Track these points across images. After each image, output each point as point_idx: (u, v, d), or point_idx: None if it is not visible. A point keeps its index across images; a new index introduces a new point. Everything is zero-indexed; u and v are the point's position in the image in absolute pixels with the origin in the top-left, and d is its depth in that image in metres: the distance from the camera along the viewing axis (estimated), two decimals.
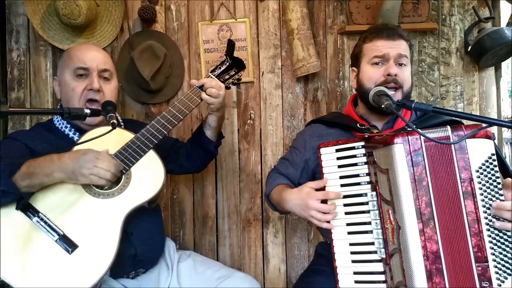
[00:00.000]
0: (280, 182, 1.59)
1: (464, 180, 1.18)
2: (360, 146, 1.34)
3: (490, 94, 2.10)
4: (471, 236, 1.16)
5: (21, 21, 2.11)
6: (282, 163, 1.69)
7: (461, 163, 1.18)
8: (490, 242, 1.16)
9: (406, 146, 1.20)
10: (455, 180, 1.18)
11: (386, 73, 1.48)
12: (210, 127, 1.67)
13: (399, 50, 1.50)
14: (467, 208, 1.17)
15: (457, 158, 1.19)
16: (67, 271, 1.31)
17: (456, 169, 1.18)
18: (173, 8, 2.11)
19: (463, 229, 1.17)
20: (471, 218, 1.17)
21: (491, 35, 1.93)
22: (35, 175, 1.29)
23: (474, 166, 1.18)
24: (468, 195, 1.18)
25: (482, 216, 1.17)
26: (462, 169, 1.18)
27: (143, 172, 1.45)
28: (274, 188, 1.58)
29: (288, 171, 1.64)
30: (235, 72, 1.66)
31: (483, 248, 1.16)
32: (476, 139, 1.19)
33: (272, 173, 1.70)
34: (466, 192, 1.18)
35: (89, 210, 1.37)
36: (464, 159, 1.18)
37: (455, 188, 1.18)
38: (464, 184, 1.18)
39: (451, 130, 1.20)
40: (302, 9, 2.00)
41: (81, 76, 1.52)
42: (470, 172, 1.18)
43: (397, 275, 1.22)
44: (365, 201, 1.32)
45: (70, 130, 1.55)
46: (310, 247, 2.11)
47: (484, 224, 1.16)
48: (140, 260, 1.53)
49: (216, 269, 1.66)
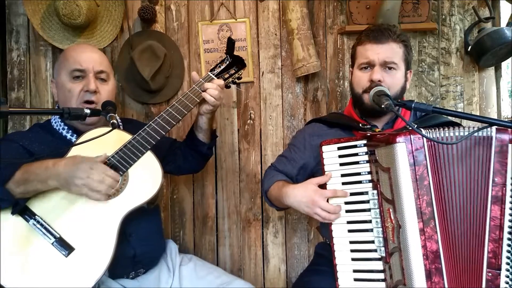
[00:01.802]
0: (279, 178, 1.59)
1: (497, 184, 1.16)
2: (362, 145, 1.34)
3: (490, 94, 2.10)
4: (489, 241, 1.15)
5: (21, 21, 2.10)
6: (280, 160, 1.69)
7: (497, 166, 1.17)
8: (509, 251, 1.15)
9: (408, 145, 1.20)
10: (486, 182, 1.17)
11: (370, 78, 1.49)
12: (201, 129, 1.65)
13: (385, 55, 1.49)
14: (492, 213, 1.16)
15: (495, 161, 1.17)
16: (63, 274, 1.30)
17: (490, 171, 1.17)
18: (173, 8, 2.11)
19: (482, 233, 1.16)
20: (494, 223, 1.16)
21: (491, 35, 1.93)
22: (30, 182, 1.28)
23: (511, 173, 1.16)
24: (496, 200, 1.16)
25: (507, 225, 1.15)
26: (497, 173, 1.16)
27: (141, 174, 1.43)
28: (273, 184, 1.57)
29: (285, 168, 1.64)
30: (235, 71, 1.64)
31: (499, 255, 1.14)
32: None
33: (270, 170, 1.69)
34: (495, 196, 1.16)
35: (85, 213, 1.36)
36: (501, 163, 1.17)
37: (482, 190, 1.17)
38: (495, 188, 1.16)
39: (495, 132, 1.18)
40: (302, 9, 2.00)
41: (77, 78, 1.50)
42: (505, 177, 1.16)
43: (397, 273, 1.22)
44: (366, 200, 1.31)
45: (68, 131, 1.53)
46: (310, 247, 2.11)
47: (507, 232, 1.15)
48: (140, 261, 1.53)
49: (217, 275, 1.67)
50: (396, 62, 1.50)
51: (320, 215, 1.34)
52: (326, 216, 1.34)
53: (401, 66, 1.52)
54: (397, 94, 1.52)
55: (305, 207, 1.37)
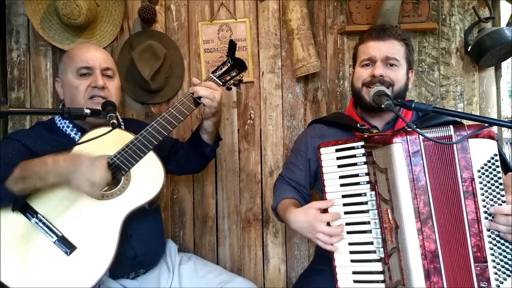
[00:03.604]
0: (286, 196, 1.59)
1: (465, 180, 1.18)
2: (359, 146, 1.34)
3: (490, 94, 2.09)
4: (470, 236, 1.17)
5: (21, 21, 2.11)
6: (288, 168, 1.70)
7: (462, 162, 1.18)
8: (490, 242, 1.16)
9: (405, 145, 1.20)
10: (456, 179, 1.19)
11: (372, 73, 1.51)
12: (206, 131, 1.65)
13: (387, 52, 1.51)
14: (468, 208, 1.18)
15: (459, 158, 1.19)
16: (65, 273, 1.30)
17: (457, 168, 1.19)
18: (173, 8, 2.11)
19: (463, 229, 1.17)
20: (471, 218, 1.17)
21: (491, 35, 1.93)
22: (28, 178, 1.27)
23: (476, 166, 1.18)
24: (469, 195, 1.18)
25: (483, 217, 1.17)
26: (463, 169, 1.18)
27: (143, 173, 1.44)
28: (280, 203, 1.58)
29: (296, 176, 1.65)
30: (237, 73, 1.65)
31: (482, 248, 1.16)
32: (479, 139, 1.19)
33: (279, 184, 1.70)
34: (467, 191, 1.18)
35: (88, 212, 1.36)
36: (466, 159, 1.18)
37: (455, 188, 1.19)
38: (465, 184, 1.18)
39: (453, 130, 1.20)
40: (302, 9, 2.00)
41: (84, 75, 1.53)
42: (471, 171, 1.18)
43: (396, 274, 1.22)
44: (364, 201, 1.32)
45: (72, 130, 1.54)
46: (310, 247, 2.11)
47: (484, 225, 1.16)
48: (140, 261, 1.53)
49: (217, 274, 1.66)
50: (398, 59, 1.51)
51: (321, 240, 1.34)
52: (328, 241, 1.33)
53: (403, 64, 1.53)
54: (400, 91, 1.53)
55: (307, 232, 1.38)
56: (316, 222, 1.34)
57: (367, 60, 1.54)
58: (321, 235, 1.34)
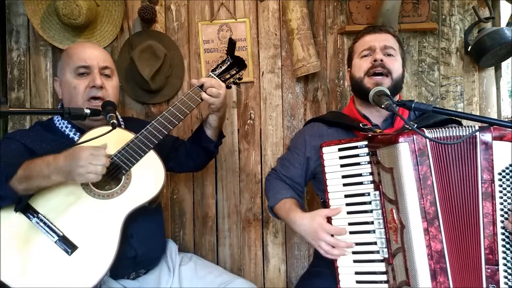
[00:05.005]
0: (285, 195, 1.58)
1: (485, 181, 1.18)
2: (363, 145, 1.34)
3: (490, 94, 2.10)
4: (484, 237, 1.16)
5: (21, 21, 2.10)
6: (283, 164, 1.68)
7: (484, 163, 1.18)
8: (504, 246, 1.16)
9: (411, 144, 1.20)
10: (476, 180, 1.18)
11: (373, 59, 1.53)
12: (210, 126, 1.66)
13: (385, 42, 1.56)
14: (485, 209, 1.17)
15: (482, 159, 1.18)
16: (66, 272, 1.30)
17: (478, 169, 1.18)
18: (173, 8, 2.11)
19: (477, 230, 1.17)
20: (487, 220, 1.17)
21: (491, 35, 1.93)
22: (32, 178, 1.27)
23: (498, 168, 1.18)
24: (487, 197, 1.17)
25: (499, 220, 1.16)
26: (484, 170, 1.18)
27: (144, 172, 1.44)
28: (279, 202, 1.57)
29: (290, 173, 1.63)
30: (236, 72, 1.65)
31: (495, 251, 1.15)
32: (504, 142, 1.18)
33: (272, 179, 1.68)
34: (485, 193, 1.17)
35: (89, 211, 1.36)
36: (488, 160, 1.18)
37: (473, 188, 1.18)
38: (484, 185, 1.18)
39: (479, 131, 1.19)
40: (302, 9, 2.00)
41: (82, 74, 1.51)
42: (492, 173, 1.18)
43: (400, 274, 1.22)
44: (367, 201, 1.31)
45: (71, 130, 1.53)
46: (310, 247, 2.11)
47: (500, 227, 1.16)
48: (141, 261, 1.53)
49: (218, 274, 1.66)
50: (395, 49, 1.56)
51: (323, 249, 1.35)
52: (329, 251, 1.34)
53: (398, 57, 1.56)
54: (398, 81, 1.55)
55: (310, 239, 1.39)
56: (321, 231, 1.35)
57: (367, 50, 1.56)
58: (324, 244, 1.34)
